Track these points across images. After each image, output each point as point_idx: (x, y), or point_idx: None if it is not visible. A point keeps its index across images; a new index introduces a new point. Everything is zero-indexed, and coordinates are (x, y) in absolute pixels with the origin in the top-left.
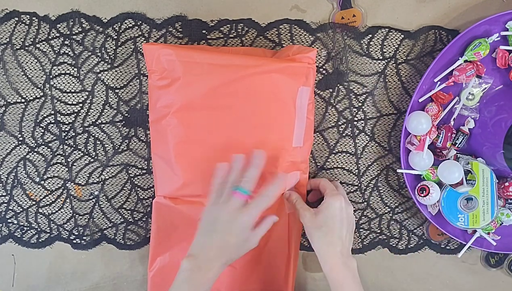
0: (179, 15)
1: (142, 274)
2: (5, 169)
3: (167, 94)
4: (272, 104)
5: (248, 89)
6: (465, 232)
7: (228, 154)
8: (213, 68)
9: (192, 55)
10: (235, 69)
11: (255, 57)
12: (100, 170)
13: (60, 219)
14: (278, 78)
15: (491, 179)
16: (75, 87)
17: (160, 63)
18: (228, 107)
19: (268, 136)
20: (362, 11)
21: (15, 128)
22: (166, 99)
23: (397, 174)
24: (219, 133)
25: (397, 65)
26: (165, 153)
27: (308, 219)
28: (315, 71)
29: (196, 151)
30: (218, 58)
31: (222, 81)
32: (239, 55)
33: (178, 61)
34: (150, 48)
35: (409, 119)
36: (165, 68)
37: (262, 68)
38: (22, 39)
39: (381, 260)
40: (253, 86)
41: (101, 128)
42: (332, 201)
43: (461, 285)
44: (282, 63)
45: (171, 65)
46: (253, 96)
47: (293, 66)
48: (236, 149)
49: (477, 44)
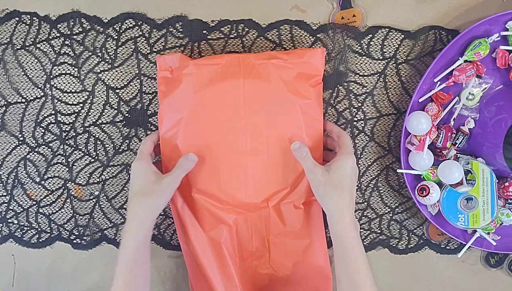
0: (180, 15)
1: None
2: (5, 169)
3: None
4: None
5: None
6: (465, 232)
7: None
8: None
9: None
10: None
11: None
12: (101, 170)
13: (60, 219)
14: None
15: (491, 179)
16: (75, 87)
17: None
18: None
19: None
20: (362, 11)
21: (15, 128)
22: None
23: (397, 174)
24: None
25: (397, 65)
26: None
27: (321, 175)
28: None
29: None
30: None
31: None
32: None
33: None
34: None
35: (409, 119)
36: (174, 66)
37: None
38: (22, 39)
39: (381, 260)
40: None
41: (101, 129)
42: (347, 159)
43: (461, 285)
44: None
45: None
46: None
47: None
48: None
49: (477, 44)
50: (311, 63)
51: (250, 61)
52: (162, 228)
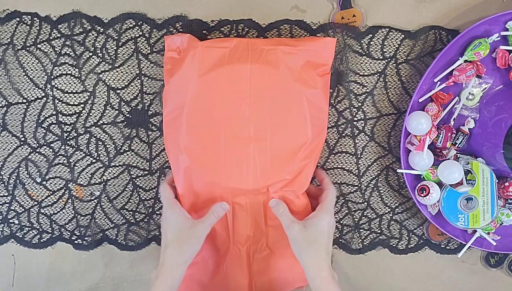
0: (180, 15)
1: (143, 274)
2: (7, 169)
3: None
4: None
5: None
6: (465, 232)
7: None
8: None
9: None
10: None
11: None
12: (102, 170)
13: (62, 220)
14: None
15: (491, 179)
16: (76, 87)
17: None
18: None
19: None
20: (362, 11)
21: (17, 128)
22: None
23: (397, 174)
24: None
25: (397, 65)
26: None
27: (298, 232)
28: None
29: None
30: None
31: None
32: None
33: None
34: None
35: (409, 119)
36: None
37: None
38: (23, 39)
39: (381, 260)
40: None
41: (102, 129)
42: (324, 216)
43: (461, 285)
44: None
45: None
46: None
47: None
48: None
49: (477, 44)
50: (321, 52)
51: (259, 47)
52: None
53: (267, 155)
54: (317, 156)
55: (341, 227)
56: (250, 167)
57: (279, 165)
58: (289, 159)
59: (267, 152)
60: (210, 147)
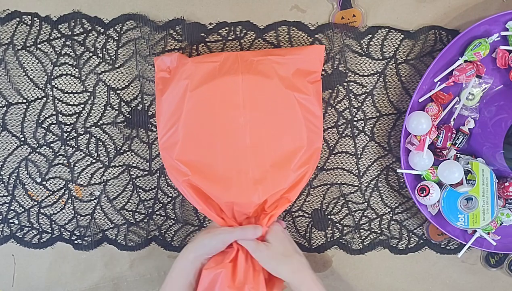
0: (179, 18)
1: (142, 274)
2: (7, 169)
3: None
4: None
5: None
6: (465, 232)
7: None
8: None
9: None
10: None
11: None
12: (102, 170)
13: (61, 220)
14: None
15: (491, 179)
16: (76, 88)
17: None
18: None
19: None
20: (362, 11)
21: (17, 128)
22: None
23: (397, 174)
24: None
25: (397, 65)
26: None
27: (267, 249)
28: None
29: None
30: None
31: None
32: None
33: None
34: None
35: (409, 119)
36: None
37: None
38: (23, 39)
39: (381, 260)
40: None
41: (102, 129)
42: (274, 227)
43: (461, 285)
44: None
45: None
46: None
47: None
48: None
49: (477, 44)
50: (310, 60)
51: (248, 58)
52: (163, 229)
53: (265, 165)
54: (314, 165)
55: (341, 227)
56: (248, 177)
57: (278, 175)
58: (287, 168)
59: (265, 161)
60: (207, 160)
